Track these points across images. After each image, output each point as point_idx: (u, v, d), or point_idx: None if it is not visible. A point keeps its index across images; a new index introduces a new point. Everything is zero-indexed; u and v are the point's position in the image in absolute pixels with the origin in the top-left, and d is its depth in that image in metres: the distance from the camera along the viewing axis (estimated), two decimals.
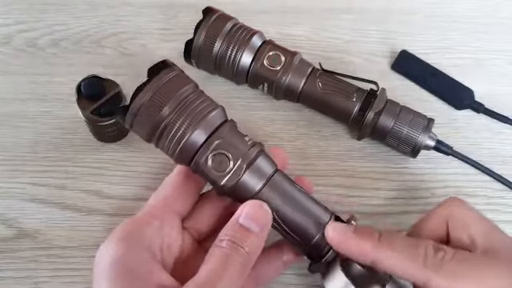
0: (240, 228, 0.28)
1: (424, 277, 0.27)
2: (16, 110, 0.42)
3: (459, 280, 0.27)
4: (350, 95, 0.39)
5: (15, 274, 0.36)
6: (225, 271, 0.26)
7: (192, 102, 0.30)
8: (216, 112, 0.30)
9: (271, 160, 0.31)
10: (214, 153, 0.29)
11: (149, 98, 0.29)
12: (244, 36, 0.40)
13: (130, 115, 0.29)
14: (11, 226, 0.37)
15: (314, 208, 0.31)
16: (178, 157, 0.30)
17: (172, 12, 0.49)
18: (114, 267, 0.27)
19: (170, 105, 0.29)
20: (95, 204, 0.38)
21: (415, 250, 0.28)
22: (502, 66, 0.47)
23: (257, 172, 0.30)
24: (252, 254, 0.28)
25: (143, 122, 0.29)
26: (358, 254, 0.29)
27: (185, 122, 0.29)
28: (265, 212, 0.29)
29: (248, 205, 0.29)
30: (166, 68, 0.30)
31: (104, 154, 0.41)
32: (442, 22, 0.50)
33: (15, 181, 0.39)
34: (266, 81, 0.40)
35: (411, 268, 0.28)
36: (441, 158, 0.41)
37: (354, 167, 0.41)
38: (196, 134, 0.29)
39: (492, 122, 0.44)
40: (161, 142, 0.30)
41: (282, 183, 0.31)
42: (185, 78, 0.31)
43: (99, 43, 0.47)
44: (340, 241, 0.29)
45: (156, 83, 0.29)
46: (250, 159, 0.30)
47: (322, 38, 0.48)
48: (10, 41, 0.46)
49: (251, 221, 0.28)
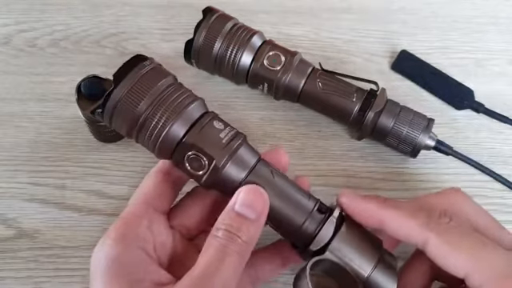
0: (236, 216, 0.27)
1: (425, 237, 0.28)
2: (16, 110, 0.42)
3: (457, 250, 0.27)
4: (350, 95, 0.39)
5: (15, 274, 0.36)
6: (221, 262, 0.26)
7: (170, 95, 0.29)
8: (195, 104, 0.30)
9: (253, 150, 0.31)
10: (190, 153, 0.29)
11: (125, 93, 0.28)
12: (244, 36, 0.40)
13: (108, 112, 0.29)
14: (11, 226, 0.37)
15: (298, 196, 0.30)
16: (159, 152, 0.30)
17: (172, 12, 0.49)
18: (111, 268, 0.26)
19: (147, 99, 0.28)
20: (95, 204, 0.38)
21: (420, 211, 0.29)
22: (502, 65, 0.47)
23: (239, 163, 0.29)
24: (249, 242, 0.27)
25: (121, 118, 0.29)
26: (366, 214, 0.30)
27: (163, 115, 0.28)
28: (261, 196, 0.28)
29: (243, 190, 0.28)
30: (141, 62, 0.29)
31: (104, 154, 0.41)
32: (441, 22, 0.50)
33: (15, 181, 0.39)
34: (266, 81, 0.40)
35: (414, 228, 0.28)
36: (441, 158, 0.41)
37: (354, 167, 0.41)
38: (175, 127, 0.29)
39: (492, 121, 0.44)
40: (140, 137, 0.29)
41: (265, 172, 0.30)
42: (162, 71, 0.30)
43: (99, 43, 0.47)
44: (350, 203, 0.30)
45: (132, 78, 0.29)
46: (230, 151, 0.29)
47: (322, 37, 0.48)
48: (10, 41, 0.46)
49: (247, 207, 0.27)
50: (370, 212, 0.30)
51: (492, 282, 0.26)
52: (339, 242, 0.29)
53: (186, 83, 0.31)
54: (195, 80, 0.44)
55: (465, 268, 0.27)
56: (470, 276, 0.27)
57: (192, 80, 0.44)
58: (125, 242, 0.28)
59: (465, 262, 0.27)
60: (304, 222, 0.30)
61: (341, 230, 0.30)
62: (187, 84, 0.31)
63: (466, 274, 0.27)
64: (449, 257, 0.27)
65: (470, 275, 0.27)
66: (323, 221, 0.30)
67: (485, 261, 0.27)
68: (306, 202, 0.30)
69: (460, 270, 0.27)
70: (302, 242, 0.30)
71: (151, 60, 0.30)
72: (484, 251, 0.27)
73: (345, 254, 0.29)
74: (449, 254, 0.27)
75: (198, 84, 0.44)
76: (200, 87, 0.32)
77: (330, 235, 0.29)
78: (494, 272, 0.26)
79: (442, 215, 0.28)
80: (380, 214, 0.29)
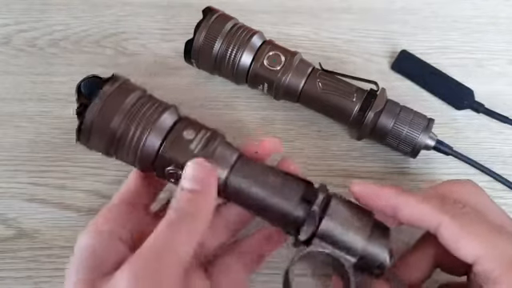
0: (183, 192, 0.28)
1: (438, 220, 0.28)
2: (16, 110, 0.42)
3: (470, 233, 0.27)
4: (350, 95, 0.39)
5: (15, 274, 0.36)
6: (168, 234, 0.26)
7: (140, 108, 0.30)
8: (166, 114, 0.30)
9: (232, 148, 0.31)
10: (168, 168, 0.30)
11: (97, 114, 0.29)
12: (244, 36, 0.40)
13: (84, 135, 0.30)
14: (11, 226, 0.37)
15: (285, 184, 0.31)
16: (140, 165, 0.31)
17: (172, 12, 0.49)
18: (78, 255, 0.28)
19: (118, 115, 0.29)
20: (95, 204, 0.38)
21: (434, 196, 0.29)
22: (502, 65, 0.47)
23: (218, 163, 0.30)
24: (198, 212, 0.28)
25: (97, 138, 0.30)
26: (379, 201, 0.30)
27: (137, 130, 0.29)
28: (203, 166, 0.29)
29: (187, 166, 0.29)
30: (108, 81, 0.30)
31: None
32: (441, 22, 0.50)
33: (15, 181, 0.39)
34: (266, 81, 0.40)
35: (428, 211, 0.28)
36: (441, 158, 0.41)
37: (354, 167, 0.41)
38: (150, 139, 0.30)
39: (492, 121, 0.44)
40: (119, 154, 0.30)
41: (247, 167, 0.31)
42: (129, 86, 0.31)
43: (99, 43, 0.47)
44: (363, 192, 0.30)
45: (101, 98, 0.29)
46: (208, 153, 0.30)
47: (322, 37, 0.48)
48: (10, 41, 0.46)
49: (190, 181, 0.28)
50: (383, 198, 0.30)
51: (503, 268, 0.26)
52: (325, 230, 0.29)
53: (186, 83, 0.31)
54: (195, 80, 0.44)
55: (476, 253, 0.27)
56: (481, 261, 0.26)
57: (192, 80, 0.44)
58: (93, 231, 0.29)
59: (477, 247, 0.27)
60: (289, 213, 0.30)
61: (326, 217, 0.29)
62: (187, 84, 0.31)
63: (477, 259, 0.27)
64: (461, 240, 0.27)
65: (480, 260, 0.26)
66: (307, 210, 0.30)
67: (498, 247, 0.27)
68: (292, 190, 0.30)
69: (471, 254, 0.27)
70: (294, 228, 0.30)
71: (119, 77, 0.31)
72: (498, 238, 0.27)
73: (333, 239, 0.29)
74: (461, 237, 0.27)
75: (198, 84, 0.44)
76: (200, 87, 0.33)
77: (314, 227, 0.29)
78: (506, 259, 0.26)
79: (457, 201, 0.29)
80: (394, 199, 0.29)
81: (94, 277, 0.27)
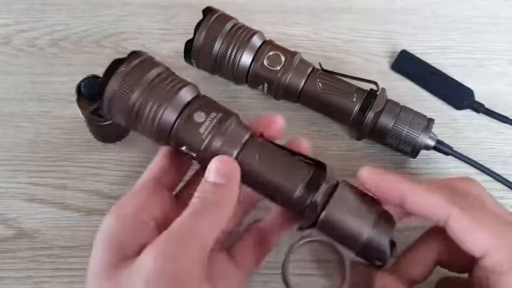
0: (208, 185, 0.29)
1: (447, 211, 0.27)
2: (16, 110, 0.42)
3: (480, 225, 0.27)
4: (350, 95, 0.39)
5: (15, 274, 0.36)
6: (193, 221, 0.27)
7: (160, 83, 0.31)
8: (185, 89, 0.31)
9: (244, 128, 0.31)
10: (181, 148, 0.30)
11: (118, 85, 0.30)
12: (244, 36, 0.40)
13: (105, 105, 0.31)
14: (11, 226, 0.37)
15: (292, 167, 0.31)
16: (156, 138, 0.31)
17: (172, 12, 0.49)
18: (103, 238, 0.29)
19: (139, 88, 0.30)
20: (95, 204, 0.38)
21: (443, 187, 0.29)
22: (502, 65, 0.47)
23: (230, 141, 0.30)
24: (222, 203, 0.29)
25: (118, 109, 0.31)
26: (387, 188, 0.29)
27: (155, 102, 0.30)
28: (228, 163, 0.30)
29: (212, 162, 0.30)
30: (132, 56, 0.31)
31: (104, 154, 0.41)
32: (441, 22, 0.50)
33: (15, 181, 0.39)
34: (266, 81, 0.40)
35: (437, 201, 0.28)
36: (441, 158, 0.41)
37: (354, 167, 0.41)
38: (167, 112, 0.30)
39: (492, 121, 0.44)
40: (138, 125, 0.31)
41: (256, 148, 0.31)
42: (152, 62, 0.32)
43: (99, 43, 0.47)
44: (371, 178, 0.30)
45: (124, 70, 0.30)
46: (223, 128, 0.30)
47: (322, 37, 0.48)
48: (10, 41, 0.46)
49: (216, 175, 0.29)
50: (391, 185, 0.29)
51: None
52: (327, 217, 0.29)
53: None
54: (195, 80, 0.44)
55: (486, 245, 0.26)
56: (490, 253, 0.26)
57: (192, 80, 0.44)
58: (118, 213, 0.30)
59: (487, 239, 0.27)
60: (293, 197, 0.30)
61: (329, 204, 0.29)
62: None
63: (486, 252, 0.26)
64: (471, 232, 0.27)
65: (489, 253, 0.26)
66: (312, 196, 0.30)
67: (508, 239, 0.26)
68: (298, 171, 0.31)
69: (480, 246, 0.27)
70: (298, 209, 0.30)
71: (143, 53, 0.32)
72: (508, 230, 0.27)
73: (335, 227, 0.29)
74: (471, 229, 0.27)
75: (198, 84, 0.44)
76: (200, 87, 0.33)
77: (316, 214, 0.29)
78: None
79: (466, 194, 0.28)
80: (402, 187, 0.29)
81: (116, 260, 0.27)
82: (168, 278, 0.26)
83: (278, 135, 0.33)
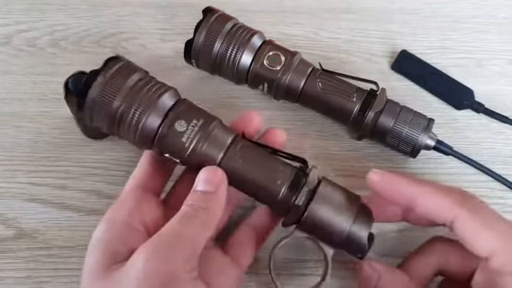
0: (197, 194, 0.30)
1: (455, 213, 0.28)
2: (16, 109, 0.42)
3: (488, 227, 0.27)
4: (350, 95, 0.39)
5: (15, 274, 0.36)
6: (183, 224, 0.29)
7: (141, 89, 0.31)
8: (166, 95, 0.31)
9: (227, 131, 0.32)
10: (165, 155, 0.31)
11: (99, 92, 0.30)
12: (244, 36, 0.40)
13: (87, 112, 0.31)
14: (11, 226, 0.37)
15: (274, 167, 0.32)
16: (139, 143, 0.32)
17: (172, 12, 0.49)
18: (95, 244, 0.30)
19: (120, 95, 0.30)
20: (95, 204, 0.38)
21: (451, 190, 0.29)
22: (502, 65, 0.47)
23: (213, 146, 0.31)
24: (211, 210, 0.30)
25: (100, 116, 0.31)
26: (397, 191, 0.30)
27: (138, 108, 0.30)
28: (215, 173, 0.31)
29: (201, 172, 0.31)
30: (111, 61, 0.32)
31: (104, 154, 0.41)
32: (441, 22, 0.50)
33: (15, 181, 0.39)
34: (266, 81, 0.40)
35: (446, 204, 0.28)
36: (441, 158, 0.41)
37: (354, 167, 0.41)
38: (150, 118, 0.31)
39: (492, 121, 0.44)
40: (120, 132, 0.31)
41: (240, 150, 0.32)
42: (132, 67, 0.32)
43: (99, 43, 0.47)
44: (381, 182, 0.30)
45: (103, 77, 0.31)
46: (205, 134, 0.31)
47: (322, 37, 0.48)
48: (10, 41, 0.46)
49: (205, 184, 0.30)
50: (400, 189, 0.30)
51: None
52: (310, 215, 0.30)
53: (186, 83, 0.32)
54: (195, 80, 0.44)
55: (493, 246, 0.27)
56: (496, 256, 0.26)
57: (192, 80, 0.44)
58: (109, 220, 0.31)
59: (494, 241, 0.27)
60: (277, 197, 0.31)
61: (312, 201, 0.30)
62: (187, 84, 0.32)
63: (492, 253, 0.27)
64: (478, 233, 0.27)
65: (495, 254, 0.26)
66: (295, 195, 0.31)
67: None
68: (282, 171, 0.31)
69: (487, 248, 0.27)
70: (283, 209, 0.31)
71: (120, 58, 0.32)
72: None
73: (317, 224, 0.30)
74: (478, 230, 0.27)
75: (198, 84, 0.44)
76: (200, 87, 0.33)
77: (299, 212, 0.31)
78: None
79: (473, 196, 0.29)
80: (411, 189, 0.29)
81: (109, 262, 0.28)
82: (159, 277, 0.26)
83: (257, 132, 0.35)
